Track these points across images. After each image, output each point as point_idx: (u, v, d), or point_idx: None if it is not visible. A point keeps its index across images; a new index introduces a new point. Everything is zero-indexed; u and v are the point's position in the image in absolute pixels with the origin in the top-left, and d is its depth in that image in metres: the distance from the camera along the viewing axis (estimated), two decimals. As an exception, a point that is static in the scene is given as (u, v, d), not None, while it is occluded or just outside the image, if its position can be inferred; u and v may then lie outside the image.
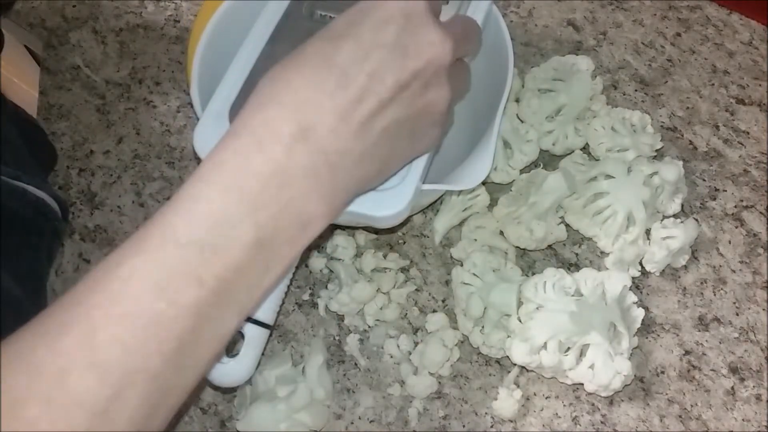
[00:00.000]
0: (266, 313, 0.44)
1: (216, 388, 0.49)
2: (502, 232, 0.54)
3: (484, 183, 0.56)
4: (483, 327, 0.50)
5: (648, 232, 0.53)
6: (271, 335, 0.50)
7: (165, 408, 0.33)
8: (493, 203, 0.55)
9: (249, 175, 0.33)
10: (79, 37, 0.64)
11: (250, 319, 0.43)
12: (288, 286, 0.44)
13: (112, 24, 0.65)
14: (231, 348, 0.44)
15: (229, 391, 0.50)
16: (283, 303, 0.50)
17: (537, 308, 0.47)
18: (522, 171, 0.56)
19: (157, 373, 0.31)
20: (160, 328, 0.31)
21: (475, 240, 0.53)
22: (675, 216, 0.55)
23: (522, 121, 0.57)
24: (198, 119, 0.45)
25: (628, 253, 0.52)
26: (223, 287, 0.32)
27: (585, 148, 0.57)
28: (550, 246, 0.54)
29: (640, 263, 0.53)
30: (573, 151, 0.57)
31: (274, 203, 0.33)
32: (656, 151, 0.57)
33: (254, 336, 0.43)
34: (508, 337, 0.48)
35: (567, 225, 0.54)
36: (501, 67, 0.50)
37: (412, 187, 0.42)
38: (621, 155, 0.55)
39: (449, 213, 0.54)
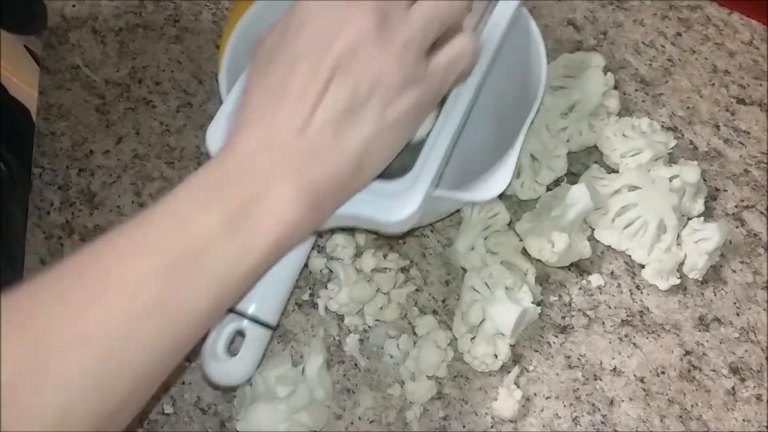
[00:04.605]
0: (269, 313, 0.44)
1: (216, 387, 0.49)
2: (523, 251, 0.53)
3: (508, 196, 0.55)
4: (474, 336, 0.49)
5: (678, 236, 0.53)
6: (273, 336, 0.50)
7: (120, 381, 0.33)
8: (515, 222, 0.54)
9: (216, 175, 0.38)
10: (79, 36, 0.64)
11: (252, 319, 0.43)
12: (293, 289, 0.44)
13: (111, 24, 0.65)
14: (233, 348, 0.44)
15: (229, 391, 0.50)
16: (286, 306, 0.50)
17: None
18: (548, 188, 0.55)
19: (119, 336, 0.33)
20: (123, 293, 0.33)
21: (496, 253, 0.52)
22: (699, 216, 0.55)
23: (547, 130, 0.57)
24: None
25: (667, 262, 0.52)
26: (192, 256, 0.35)
27: (597, 152, 0.57)
28: (576, 265, 0.54)
29: (678, 270, 0.53)
30: (587, 148, 0.57)
31: (238, 193, 0.37)
32: (671, 149, 0.57)
33: (255, 336, 0.43)
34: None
35: (597, 241, 0.54)
36: (532, 84, 0.49)
37: (421, 192, 0.41)
38: (636, 158, 0.55)
39: (470, 234, 0.53)
